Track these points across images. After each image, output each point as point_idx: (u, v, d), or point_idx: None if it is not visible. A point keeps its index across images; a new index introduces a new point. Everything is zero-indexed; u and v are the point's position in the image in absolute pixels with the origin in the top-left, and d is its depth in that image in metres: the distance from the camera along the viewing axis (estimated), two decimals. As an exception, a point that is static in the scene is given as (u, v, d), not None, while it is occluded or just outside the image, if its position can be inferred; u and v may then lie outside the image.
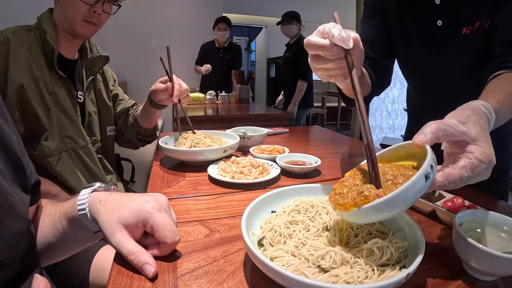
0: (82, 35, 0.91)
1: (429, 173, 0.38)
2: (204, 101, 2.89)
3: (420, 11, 0.81)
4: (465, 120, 0.44)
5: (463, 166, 0.41)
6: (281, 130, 1.46)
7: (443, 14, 0.78)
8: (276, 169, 0.83)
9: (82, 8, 0.85)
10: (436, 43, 0.81)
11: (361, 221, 0.43)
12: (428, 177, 0.38)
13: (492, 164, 0.43)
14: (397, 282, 0.34)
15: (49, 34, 0.86)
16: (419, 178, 0.37)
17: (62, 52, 0.92)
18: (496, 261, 0.40)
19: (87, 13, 0.86)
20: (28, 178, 0.45)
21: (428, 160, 0.39)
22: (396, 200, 0.37)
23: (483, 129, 0.44)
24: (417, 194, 0.38)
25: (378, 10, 0.89)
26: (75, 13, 0.86)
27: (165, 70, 0.94)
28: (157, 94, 0.96)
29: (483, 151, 0.42)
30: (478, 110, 0.47)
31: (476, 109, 0.47)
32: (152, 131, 1.13)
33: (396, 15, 0.86)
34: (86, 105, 0.98)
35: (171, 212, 0.50)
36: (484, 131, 0.44)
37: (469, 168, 0.41)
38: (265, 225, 0.48)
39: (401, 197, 0.37)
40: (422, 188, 0.38)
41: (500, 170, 0.91)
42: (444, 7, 0.77)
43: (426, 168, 0.38)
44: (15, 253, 0.37)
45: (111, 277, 0.42)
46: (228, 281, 0.41)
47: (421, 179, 0.37)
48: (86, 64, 1.00)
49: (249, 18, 6.84)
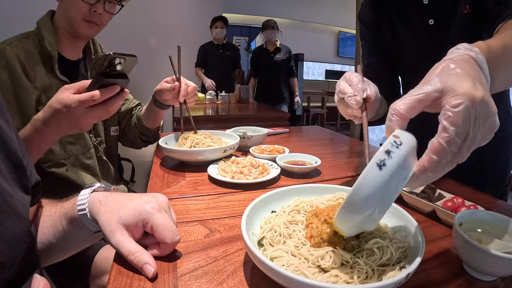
0: (83, 35, 0.91)
1: (383, 160, 0.33)
2: (204, 101, 2.89)
3: (411, 15, 0.83)
4: (428, 78, 0.37)
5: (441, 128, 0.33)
6: (281, 130, 1.46)
7: (433, 12, 0.79)
8: (276, 169, 0.83)
9: (83, 8, 0.86)
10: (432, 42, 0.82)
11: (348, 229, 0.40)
12: (382, 165, 0.33)
13: (475, 98, 0.32)
14: (397, 282, 0.34)
15: (47, 40, 0.86)
16: (369, 168, 0.33)
17: (64, 53, 0.92)
18: (496, 261, 0.40)
19: (87, 13, 0.87)
20: (28, 179, 0.45)
21: (383, 145, 0.34)
22: (352, 199, 0.34)
23: (451, 71, 0.36)
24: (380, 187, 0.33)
25: (373, 26, 0.92)
26: (76, 12, 0.86)
27: (173, 70, 0.93)
28: (163, 94, 0.95)
29: (455, 93, 0.33)
30: (448, 57, 0.39)
31: (445, 58, 0.39)
32: (156, 131, 1.13)
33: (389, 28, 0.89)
34: None
35: (171, 212, 0.50)
36: (452, 73, 0.35)
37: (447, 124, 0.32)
38: (265, 225, 0.48)
39: (358, 195, 0.34)
40: (380, 179, 0.33)
41: (500, 170, 0.92)
42: (433, 5, 0.78)
43: (378, 155, 0.33)
44: (15, 254, 0.37)
45: (111, 277, 0.42)
46: (228, 281, 0.41)
47: (373, 169, 0.33)
48: (90, 64, 1.00)
49: (249, 18, 6.85)
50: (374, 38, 0.93)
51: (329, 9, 7.18)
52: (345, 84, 0.54)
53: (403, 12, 0.85)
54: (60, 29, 0.90)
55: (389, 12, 0.87)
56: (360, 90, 0.52)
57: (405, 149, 0.34)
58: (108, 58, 0.63)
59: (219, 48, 3.41)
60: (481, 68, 0.38)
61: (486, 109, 0.34)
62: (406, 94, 0.38)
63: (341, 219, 0.39)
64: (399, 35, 0.88)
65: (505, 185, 0.92)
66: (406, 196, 0.65)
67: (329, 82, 7.37)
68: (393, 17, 0.87)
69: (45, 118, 0.68)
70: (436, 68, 0.37)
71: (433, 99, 0.35)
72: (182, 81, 0.93)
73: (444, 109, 0.33)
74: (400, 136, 0.35)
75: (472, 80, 0.34)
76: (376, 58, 0.93)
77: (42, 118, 0.68)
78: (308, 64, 7.35)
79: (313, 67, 7.66)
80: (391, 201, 0.37)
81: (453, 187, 0.77)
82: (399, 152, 0.33)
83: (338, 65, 7.85)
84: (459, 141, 0.33)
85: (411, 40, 0.86)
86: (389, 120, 0.37)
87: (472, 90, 0.33)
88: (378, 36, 0.92)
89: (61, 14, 0.89)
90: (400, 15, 0.85)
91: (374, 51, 0.93)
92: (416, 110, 0.37)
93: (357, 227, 0.39)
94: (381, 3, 0.88)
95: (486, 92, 0.34)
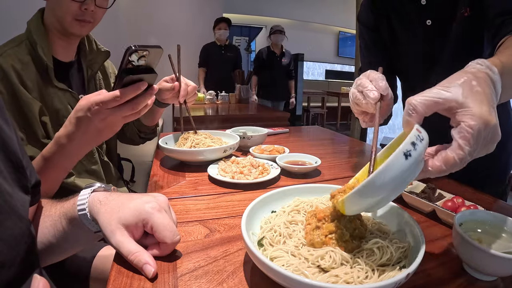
0: (76, 34, 0.86)
1: (410, 151, 0.35)
2: (204, 101, 2.89)
3: (409, 15, 0.84)
4: (450, 84, 0.39)
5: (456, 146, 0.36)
6: (281, 130, 1.46)
7: (430, 13, 0.79)
8: (276, 169, 0.83)
9: (72, 7, 0.79)
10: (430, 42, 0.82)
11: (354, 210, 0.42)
12: (408, 155, 0.35)
13: (489, 123, 0.36)
14: (397, 282, 0.34)
15: (40, 46, 0.80)
16: (397, 156, 0.35)
17: (58, 56, 0.87)
18: (496, 261, 0.40)
19: (78, 12, 0.80)
20: (28, 179, 0.45)
21: (409, 137, 0.36)
22: (374, 182, 0.36)
23: (473, 88, 0.38)
24: (400, 175, 0.35)
25: (372, 27, 0.93)
26: (65, 13, 0.80)
27: (173, 69, 0.92)
28: (162, 93, 0.93)
29: (472, 113, 0.36)
30: (470, 70, 0.41)
31: (467, 70, 0.42)
32: (153, 128, 1.12)
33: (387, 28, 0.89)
34: None
35: (171, 212, 0.50)
36: (473, 90, 0.38)
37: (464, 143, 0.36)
38: (265, 225, 0.48)
39: (380, 178, 0.35)
40: (403, 167, 0.35)
41: (500, 170, 0.92)
42: (430, 6, 0.79)
43: (405, 145, 0.35)
44: (15, 254, 0.37)
45: (111, 277, 0.42)
46: (228, 281, 0.41)
47: (400, 157, 0.35)
48: (86, 63, 0.96)
49: (249, 18, 6.85)
50: (374, 38, 0.93)
51: (329, 9, 7.18)
52: (367, 80, 0.55)
53: (401, 13, 0.85)
54: (52, 29, 0.84)
55: (387, 13, 0.88)
56: (383, 86, 0.53)
57: (425, 144, 0.37)
58: (129, 51, 0.55)
59: (221, 49, 3.43)
60: (494, 88, 0.41)
61: (494, 134, 0.37)
62: (423, 91, 0.40)
63: (353, 199, 0.39)
64: (397, 35, 0.88)
65: (505, 185, 0.92)
66: (406, 196, 0.65)
67: (329, 82, 7.38)
68: (391, 17, 0.88)
69: (69, 132, 0.63)
70: (458, 79, 0.39)
71: (449, 106, 0.38)
72: (182, 81, 0.93)
73: (460, 126, 0.36)
74: (421, 131, 0.38)
75: (488, 104, 0.37)
76: (376, 58, 0.94)
77: (66, 133, 0.63)
78: (308, 64, 7.35)
79: (313, 67, 7.67)
80: (401, 191, 0.39)
81: (453, 187, 0.77)
82: (422, 145, 0.36)
83: (338, 65, 7.86)
84: (469, 158, 0.37)
85: (409, 40, 0.86)
86: (407, 115, 0.39)
87: (488, 115, 0.36)
88: (377, 36, 0.92)
89: (50, 14, 0.83)
90: (398, 15, 0.86)
91: (374, 51, 0.94)
92: (431, 110, 0.39)
93: (363, 209, 0.41)
94: (379, 3, 0.89)
95: (497, 119, 0.37)
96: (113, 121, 0.62)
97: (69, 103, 0.87)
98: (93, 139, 0.65)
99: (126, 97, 0.59)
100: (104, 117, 0.60)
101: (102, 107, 0.59)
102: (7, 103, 0.75)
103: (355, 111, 0.60)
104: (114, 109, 0.60)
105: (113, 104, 0.59)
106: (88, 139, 0.65)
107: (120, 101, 0.59)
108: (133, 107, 0.61)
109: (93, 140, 0.65)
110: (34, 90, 0.79)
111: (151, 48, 0.58)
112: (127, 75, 0.58)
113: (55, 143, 0.65)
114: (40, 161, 0.67)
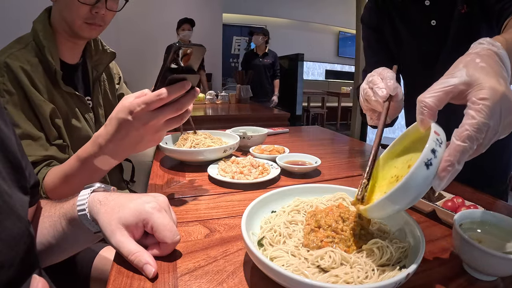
0: (85, 37, 0.84)
1: (431, 159, 0.34)
2: (204, 101, 2.89)
3: (413, 16, 0.84)
4: (454, 70, 0.38)
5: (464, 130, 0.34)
6: (281, 130, 1.46)
7: (435, 13, 0.80)
8: (276, 169, 0.83)
9: (82, 10, 0.77)
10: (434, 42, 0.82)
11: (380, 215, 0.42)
12: (430, 164, 0.34)
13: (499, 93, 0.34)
14: (397, 282, 0.34)
15: (48, 50, 0.77)
16: (418, 169, 0.34)
17: (65, 58, 0.85)
18: (496, 261, 0.40)
19: (88, 15, 0.78)
20: (27, 180, 0.45)
21: (429, 144, 0.34)
22: (399, 195, 0.35)
23: (477, 65, 0.37)
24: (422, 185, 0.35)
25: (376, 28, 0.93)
26: (74, 15, 0.77)
27: None
28: None
29: (481, 87, 0.34)
30: (473, 51, 0.40)
31: (470, 51, 0.41)
32: None
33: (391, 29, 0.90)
34: (95, 110, 0.94)
35: (171, 212, 0.50)
36: (478, 66, 0.37)
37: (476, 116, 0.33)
38: (265, 225, 0.48)
39: (405, 192, 0.35)
40: (425, 178, 0.34)
41: (500, 170, 0.92)
42: (434, 6, 0.79)
43: (426, 155, 0.34)
44: (14, 254, 0.37)
45: (111, 277, 0.42)
46: (228, 281, 0.41)
47: (421, 169, 0.34)
48: (91, 64, 0.94)
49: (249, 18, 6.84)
50: (377, 39, 0.94)
51: (329, 9, 7.18)
52: (378, 77, 0.55)
53: (405, 14, 0.86)
54: (59, 30, 0.82)
55: (390, 14, 0.88)
56: (391, 86, 0.52)
57: (444, 146, 0.36)
58: (173, 49, 0.51)
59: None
60: (503, 62, 0.39)
61: (508, 104, 0.35)
62: (430, 86, 0.38)
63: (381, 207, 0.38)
64: (401, 35, 0.89)
65: (505, 185, 0.92)
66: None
67: (329, 82, 7.37)
68: (395, 18, 0.88)
69: (109, 133, 0.59)
70: (461, 62, 0.38)
71: (459, 91, 0.36)
72: None
73: (470, 101, 0.35)
74: (440, 133, 0.36)
75: (495, 75, 0.35)
76: (381, 58, 0.94)
77: (105, 133, 0.60)
78: (308, 64, 7.35)
79: (313, 67, 7.66)
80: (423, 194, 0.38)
81: (453, 187, 0.77)
82: (441, 150, 0.35)
83: (338, 65, 7.85)
84: (485, 129, 0.34)
85: (413, 41, 0.87)
86: (420, 113, 0.38)
87: (496, 85, 0.34)
88: (381, 36, 0.93)
89: (58, 15, 0.80)
90: (402, 16, 0.87)
91: (380, 51, 0.95)
92: (444, 102, 0.38)
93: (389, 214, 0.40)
94: (383, 5, 0.90)
95: (508, 88, 0.35)
96: (155, 126, 0.57)
97: (77, 106, 0.86)
98: (132, 146, 0.60)
99: (172, 95, 0.54)
100: (146, 121, 0.56)
101: (145, 109, 0.55)
102: (19, 104, 0.73)
103: (364, 107, 0.59)
104: (156, 112, 0.56)
105: (157, 104, 0.54)
106: (126, 145, 0.60)
107: (165, 100, 0.54)
108: (177, 108, 0.56)
109: (131, 146, 0.60)
110: (44, 92, 0.77)
111: (194, 46, 0.54)
112: (171, 74, 0.53)
113: (93, 142, 0.62)
114: (74, 161, 0.65)
